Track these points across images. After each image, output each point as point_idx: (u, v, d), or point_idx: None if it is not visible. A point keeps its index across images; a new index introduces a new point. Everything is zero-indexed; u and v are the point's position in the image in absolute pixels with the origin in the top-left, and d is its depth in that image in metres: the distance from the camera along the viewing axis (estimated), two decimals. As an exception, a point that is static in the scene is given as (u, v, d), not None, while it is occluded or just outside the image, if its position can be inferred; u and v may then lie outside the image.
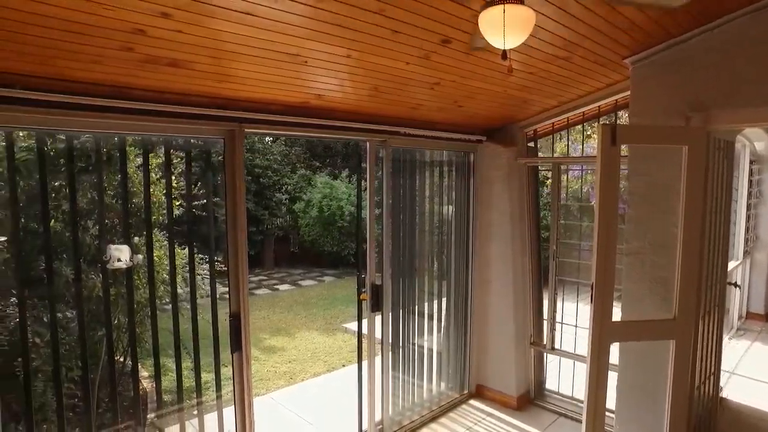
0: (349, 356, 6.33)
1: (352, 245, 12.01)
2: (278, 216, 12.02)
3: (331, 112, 3.16)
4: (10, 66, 1.96)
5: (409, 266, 4.13)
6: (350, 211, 11.71)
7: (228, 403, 3.04)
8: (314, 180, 12.51)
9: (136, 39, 1.90)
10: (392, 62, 2.56)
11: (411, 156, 4.07)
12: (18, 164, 2.94)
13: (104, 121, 2.32)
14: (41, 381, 3.21)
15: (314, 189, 12.14)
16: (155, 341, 2.75)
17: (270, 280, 11.08)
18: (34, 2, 1.58)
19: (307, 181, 12.66)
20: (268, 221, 11.85)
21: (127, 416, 3.19)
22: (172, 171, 3.01)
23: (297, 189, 12.46)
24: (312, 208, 11.87)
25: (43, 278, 3.05)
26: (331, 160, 13.97)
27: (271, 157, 12.18)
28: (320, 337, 7.17)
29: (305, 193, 12.30)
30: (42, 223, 2.47)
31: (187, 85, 2.39)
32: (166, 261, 3.95)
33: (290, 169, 12.69)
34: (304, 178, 12.69)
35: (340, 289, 10.33)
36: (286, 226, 12.34)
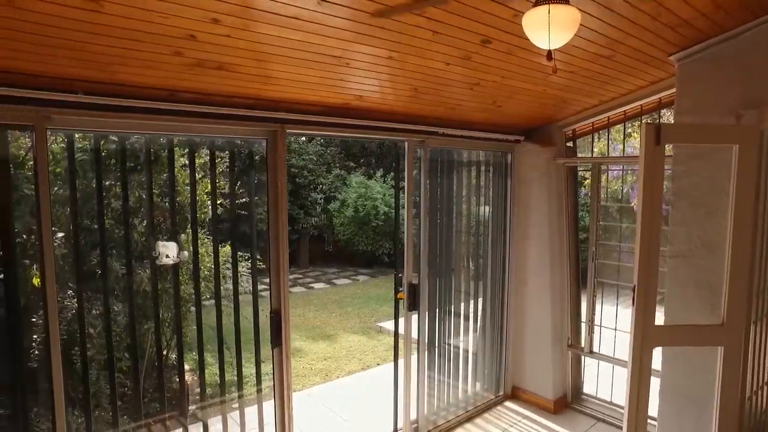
0: (383, 355, 6.37)
1: (387, 245, 12.06)
2: (313, 215, 12.18)
3: (370, 113, 3.20)
4: (73, 72, 2.07)
5: (446, 266, 4.13)
6: (385, 211, 11.75)
7: (267, 397, 3.12)
8: (349, 180, 12.61)
9: (186, 44, 1.98)
10: (432, 63, 2.58)
11: (448, 156, 4.07)
12: (80, 165, 3.10)
13: (154, 123, 2.43)
14: (95, 370, 3.37)
15: (349, 189, 12.24)
16: (199, 336, 2.84)
17: (305, 278, 11.25)
18: (99, 14, 1.67)
19: (342, 180, 12.78)
20: (303, 220, 12.02)
21: (171, 407, 3.31)
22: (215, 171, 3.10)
23: (332, 189, 12.59)
24: (347, 207, 11.98)
25: (96, 273, 3.20)
26: (365, 159, 14.05)
27: (307, 157, 12.35)
28: (355, 336, 7.24)
29: (340, 193, 12.42)
30: (97, 221, 2.59)
31: (233, 87, 2.47)
32: (207, 258, 4.07)
33: (325, 169, 12.83)
34: (339, 177, 12.81)
35: (374, 288, 10.39)
36: (321, 226, 12.49)
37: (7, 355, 2.38)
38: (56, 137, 3.24)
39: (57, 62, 2.01)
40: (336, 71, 2.50)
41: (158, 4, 1.68)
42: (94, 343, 3.30)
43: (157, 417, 3.20)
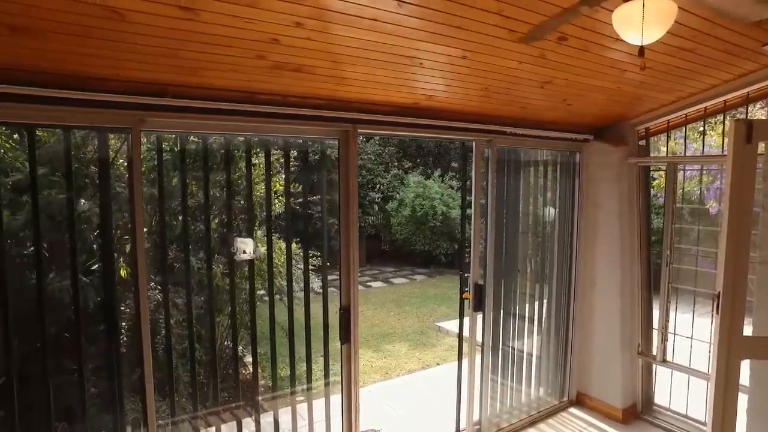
0: (443, 355, 6.35)
1: (444, 245, 12.00)
2: (371, 214, 12.30)
3: (439, 113, 3.20)
4: (164, 77, 2.21)
5: (511, 267, 4.07)
6: (443, 211, 11.70)
7: (333, 391, 3.19)
8: (407, 180, 12.64)
9: (269, 48, 2.06)
10: (505, 62, 2.56)
11: (515, 155, 4.01)
12: (165, 164, 3.28)
13: (235, 124, 2.55)
14: (174, 358, 3.56)
15: (407, 188, 12.27)
16: (272, 329, 2.95)
17: (362, 276, 11.38)
18: (194, 22, 1.78)
19: (399, 180, 12.83)
20: (361, 219, 12.17)
21: (242, 397, 3.46)
22: (289, 170, 3.21)
23: (390, 188, 12.66)
24: (405, 207, 12.01)
25: (177, 266, 3.39)
26: (422, 159, 14.03)
27: (365, 156, 12.49)
28: (414, 335, 7.26)
29: (398, 193, 12.47)
30: (181, 217, 2.75)
31: (308, 88, 2.55)
32: (279, 255, 4.21)
33: (383, 169, 12.92)
34: (397, 177, 12.87)
35: (432, 288, 10.37)
36: (378, 225, 12.59)
37: (104, 340, 2.57)
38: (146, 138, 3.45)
39: (151, 69, 2.15)
40: (408, 71, 2.52)
41: (248, 10, 1.76)
42: (173, 333, 3.50)
43: (228, 406, 3.35)
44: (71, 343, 3.22)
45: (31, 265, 3.01)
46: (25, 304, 2.74)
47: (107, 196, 2.47)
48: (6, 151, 3.16)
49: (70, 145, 2.45)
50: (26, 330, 2.71)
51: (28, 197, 3.01)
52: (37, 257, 2.44)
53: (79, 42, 1.85)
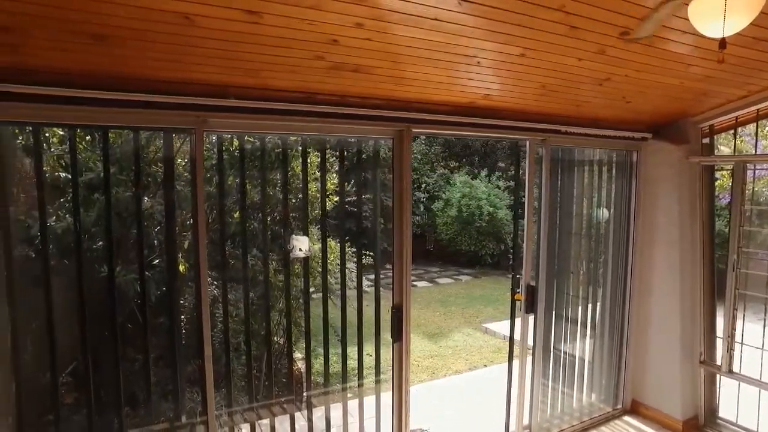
0: (490, 356, 6.27)
1: (490, 245, 11.85)
2: (416, 214, 12.28)
3: (494, 112, 3.16)
4: (227, 79, 2.28)
5: (563, 269, 3.97)
6: (489, 211, 11.54)
7: (383, 389, 3.21)
8: (453, 179, 12.54)
9: (329, 48, 2.09)
10: (565, 59, 2.50)
11: (569, 155, 3.90)
12: (214, 163, 3.40)
13: (292, 124, 2.60)
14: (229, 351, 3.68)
15: (453, 188, 12.17)
16: (325, 327, 2.99)
17: (407, 275, 11.36)
18: (258, 25, 1.83)
19: (445, 180, 12.75)
20: (407, 218, 12.15)
21: (293, 391, 3.53)
22: (344, 169, 3.25)
23: (436, 188, 12.60)
24: (451, 207, 11.92)
25: (232, 263, 3.49)
26: (468, 159, 13.89)
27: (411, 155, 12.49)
28: (460, 335, 7.20)
29: (444, 192, 12.39)
30: (237, 214, 2.82)
31: (366, 88, 2.57)
32: (330, 253, 4.26)
33: (429, 168, 12.88)
34: (443, 177, 12.79)
35: (478, 288, 10.25)
36: (423, 224, 12.55)
37: (166, 332, 2.68)
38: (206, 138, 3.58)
39: (214, 71, 2.22)
40: (466, 70, 2.50)
41: (310, 12, 1.79)
42: (229, 327, 3.61)
43: (280, 400, 3.43)
44: (135, 334, 3.38)
45: (100, 258, 3.18)
46: (94, 295, 2.90)
47: (171, 195, 2.57)
48: (80, 151, 3.33)
49: (139, 146, 2.56)
50: (96, 319, 2.86)
51: (99, 195, 3.19)
52: (108, 252, 2.57)
53: (151, 47, 1.94)
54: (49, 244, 3.22)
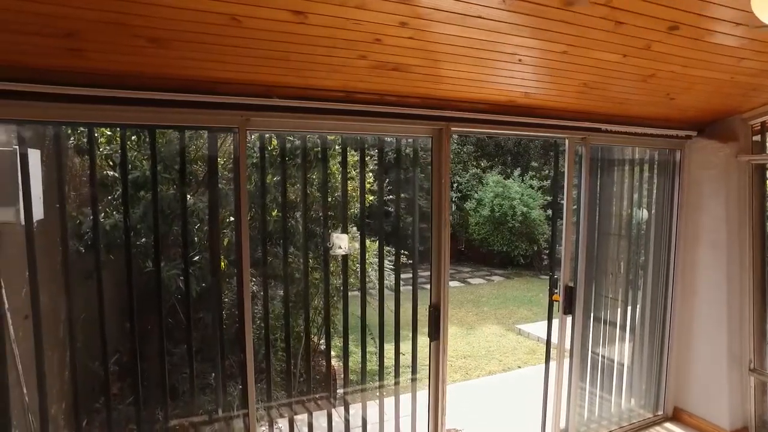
0: (525, 358, 6.19)
1: (523, 246, 11.70)
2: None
3: (532, 110, 3.13)
4: (270, 79, 2.33)
5: (601, 270, 3.89)
6: (522, 212, 11.40)
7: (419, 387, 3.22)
8: (486, 179, 12.42)
9: (372, 48, 2.11)
10: (608, 56, 2.45)
11: (608, 154, 3.83)
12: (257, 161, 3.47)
13: (333, 123, 2.64)
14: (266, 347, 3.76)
15: (486, 188, 12.07)
16: (363, 325, 3.02)
17: (439, 275, 11.33)
18: (304, 25, 1.86)
19: (477, 179, 12.64)
20: (438, 218, 12.10)
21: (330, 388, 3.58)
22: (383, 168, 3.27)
23: (468, 187, 12.51)
24: (483, 207, 11.82)
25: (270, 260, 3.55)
26: (500, 158, 13.74)
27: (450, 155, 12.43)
28: (493, 336, 7.14)
29: (476, 192, 12.29)
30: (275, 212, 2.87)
31: (405, 87, 2.58)
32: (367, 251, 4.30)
33: (461, 168, 12.79)
34: (475, 176, 12.69)
35: (510, 289, 10.14)
36: (455, 224, 12.48)
37: (208, 326, 2.76)
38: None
39: (259, 71, 2.27)
40: (506, 68, 2.48)
41: (356, 12, 1.81)
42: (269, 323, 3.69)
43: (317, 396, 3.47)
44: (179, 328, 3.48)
45: (145, 254, 3.29)
46: (140, 290, 3.00)
47: (215, 193, 2.64)
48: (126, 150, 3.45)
49: (184, 145, 2.64)
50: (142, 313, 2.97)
51: (144, 193, 3.30)
52: (155, 248, 2.66)
53: (200, 48, 2.00)
54: (96, 239, 3.35)
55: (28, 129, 2.39)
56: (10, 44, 1.85)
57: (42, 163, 2.51)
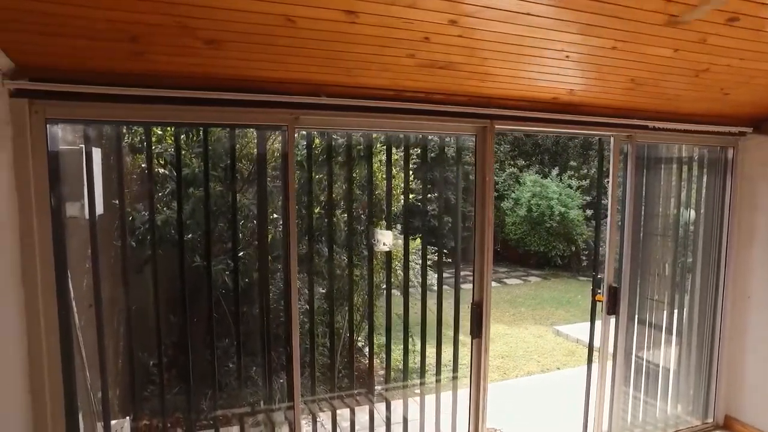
0: (563, 359, 6.10)
1: (560, 246, 11.51)
2: (484, 213, 12.13)
3: (576, 107, 3.09)
4: (319, 78, 2.39)
5: (646, 272, 3.80)
6: (560, 212, 11.21)
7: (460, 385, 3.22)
8: (523, 178, 12.27)
9: (420, 46, 2.13)
10: (659, 50, 2.39)
11: (655, 152, 3.73)
12: (302, 160, 3.55)
13: (379, 121, 2.67)
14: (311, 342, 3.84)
15: (523, 187, 11.92)
16: (405, 321, 3.05)
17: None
18: (354, 24, 1.90)
19: (514, 179, 12.50)
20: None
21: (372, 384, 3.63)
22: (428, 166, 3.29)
23: (505, 187, 12.39)
24: (520, 206, 11.69)
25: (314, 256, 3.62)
26: (538, 157, 13.53)
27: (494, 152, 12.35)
28: (531, 337, 7.05)
29: (513, 191, 12.16)
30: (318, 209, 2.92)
31: (452, 85, 2.59)
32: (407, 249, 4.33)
33: (498, 167, 12.68)
34: (511, 176, 12.56)
35: (548, 290, 9.99)
36: (491, 224, 12.37)
37: (255, 320, 2.84)
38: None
39: (309, 70, 2.32)
40: (553, 65, 2.47)
41: (406, 11, 1.84)
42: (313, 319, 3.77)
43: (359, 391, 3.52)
44: (226, 321, 3.59)
45: (194, 249, 3.41)
46: (191, 283, 3.12)
47: (264, 189, 2.71)
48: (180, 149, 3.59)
49: (234, 143, 2.73)
50: (191, 306, 3.08)
51: (194, 190, 3.42)
52: (205, 243, 2.76)
53: (253, 49, 2.07)
54: (149, 235, 3.50)
55: (92, 129, 2.52)
56: (79, 49, 1.96)
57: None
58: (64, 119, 2.25)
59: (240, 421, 3.68)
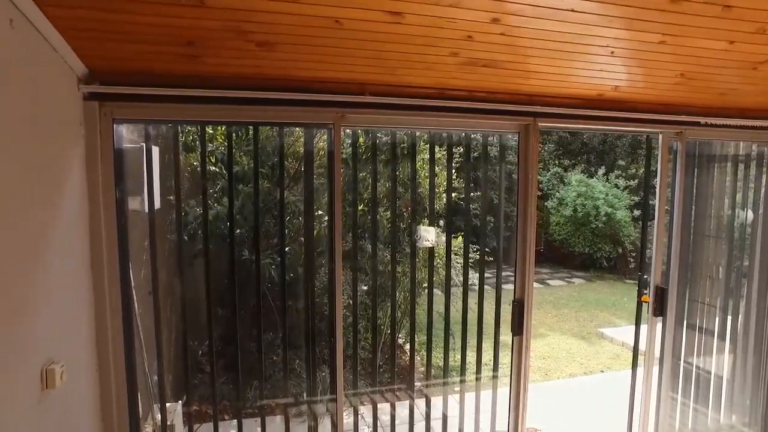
0: (608, 362, 5.97)
1: (606, 248, 11.20)
2: (526, 213, 11.95)
3: (622, 104, 3.03)
4: (364, 77, 2.46)
5: (696, 274, 3.68)
6: (607, 212, 10.90)
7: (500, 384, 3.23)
8: (568, 178, 12.02)
9: (463, 45, 2.17)
10: (712, 44, 2.33)
11: (707, 149, 3.61)
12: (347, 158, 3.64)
13: (422, 119, 2.72)
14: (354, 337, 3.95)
15: (568, 187, 11.67)
16: (446, 318, 3.08)
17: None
18: (399, 25, 1.96)
19: (559, 178, 12.26)
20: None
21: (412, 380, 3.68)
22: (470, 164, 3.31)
23: (549, 186, 12.17)
24: (565, 206, 11.45)
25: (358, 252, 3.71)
26: (584, 157, 13.20)
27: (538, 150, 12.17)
28: (573, 339, 6.93)
29: (557, 191, 11.93)
30: (368, 205, 2.99)
31: (494, 83, 2.61)
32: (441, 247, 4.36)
33: (542, 167, 12.46)
34: (556, 175, 12.32)
35: (592, 292, 9.75)
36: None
37: (303, 316, 2.94)
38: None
39: (354, 69, 2.40)
40: (597, 61, 2.45)
41: (450, 10, 1.88)
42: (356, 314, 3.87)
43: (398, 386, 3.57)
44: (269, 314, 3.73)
45: (243, 243, 3.56)
46: (239, 277, 3.26)
47: (311, 186, 2.81)
48: (225, 148, 3.76)
49: (283, 142, 2.84)
50: (240, 298, 3.22)
51: (243, 186, 3.57)
52: (255, 238, 2.88)
53: (303, 50, 2.16)
54: (200, 230, 3.68)
55: (151, 128, 2.69)
56: (142, 54, 2.12)
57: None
58: (129, 119, 2.42)
59: (284, 410, 3.81)
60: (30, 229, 1.78)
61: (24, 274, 1.73)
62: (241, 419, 3.48)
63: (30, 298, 1.76)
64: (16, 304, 1.66)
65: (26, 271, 1.75)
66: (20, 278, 1.70)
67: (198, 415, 3.77)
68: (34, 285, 1.80)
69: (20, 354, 1.68)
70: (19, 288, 1.68)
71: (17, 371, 1.66)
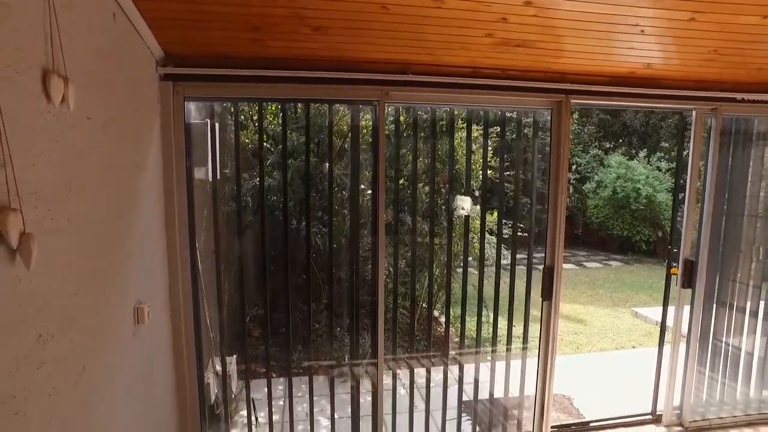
0: (639, 339, 6.06)
1: (646, 231, 11.07)
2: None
3: (655, 81, 3.13)
4: (406, 57, 2.68)
5: (730, 252, 3.74)
6: (647, 194, 10.75)
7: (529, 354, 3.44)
8: (607, 160, 11.87)
9: (498, 26, 2.35)
10: (744, 18, 2.41)
11: (744, 126, 3.64)
12: (389, 134, 3.87)
13: (459, 96, 2.92)
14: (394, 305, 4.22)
15: (608, 169, 11.54)
16: (480, 291, 3.29)
17: (552, 257, 11.16)
18: (440, 9, 2.16)
19: (598, 161, 12.13)
20: (554, 200, 11.85)
21: (447, 348, 3.93)
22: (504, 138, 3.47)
23: (588, 169, 12.06)
24: (604, 188, 11.35)
25: (397, 223, 3.96)
26: (625, 139, 12.97)
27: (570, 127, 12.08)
28: (607, 317, 7.01)
29: (596, 174, 11.81)
30: (410, 180, 3.19)
31: (527, 62, 2.78)
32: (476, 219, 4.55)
33: (581, 149, 12.35)
34: (595, 158, 12.18)
35: (629, 275, 9.72)
36: (571, 206, 12.13)
37: (347, 283, 3.21)
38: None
39: (398, 50, 2.62)
40: (627, 39, 2.57)
41: (486, -6, 2.07)
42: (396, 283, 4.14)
43: (435, 354, 3.80)
44: (317, 281, 4.03)
45: (292, 215, 3.86)
46: (290, 246, 3.56)
47: (357, 159, 3.06)
48: (276, 126, 4.05)
49: (332, 118, 3.10)
50: (291, 265, 3.52)
51: (293, 161, 3.86)
52: (306, 208, 3.15)
53: (352, 33, 2.39)
54: (251, 201, 4.00)
55: (214, 105, 2.99)
56: (212, 38, 2.40)
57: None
58: (198, 97, 2.73)
59: (328, 371, 4.14)
60: (132, 189, 2.13)
61: (127, 227, 2.09)
62: (291, 377, 3.83)
63: (129, 248, 2.11)
64: (122, 255, 2.00)
65: (129, 224, 2.11)
66: (125, 230, 2.06)
67: (248, 371, 4.13)
68: (133, 237, 2.15)
69: (122, 295, 2.03)
70: (123, 239, 2.03)
71: (120, 307, 2.00)
